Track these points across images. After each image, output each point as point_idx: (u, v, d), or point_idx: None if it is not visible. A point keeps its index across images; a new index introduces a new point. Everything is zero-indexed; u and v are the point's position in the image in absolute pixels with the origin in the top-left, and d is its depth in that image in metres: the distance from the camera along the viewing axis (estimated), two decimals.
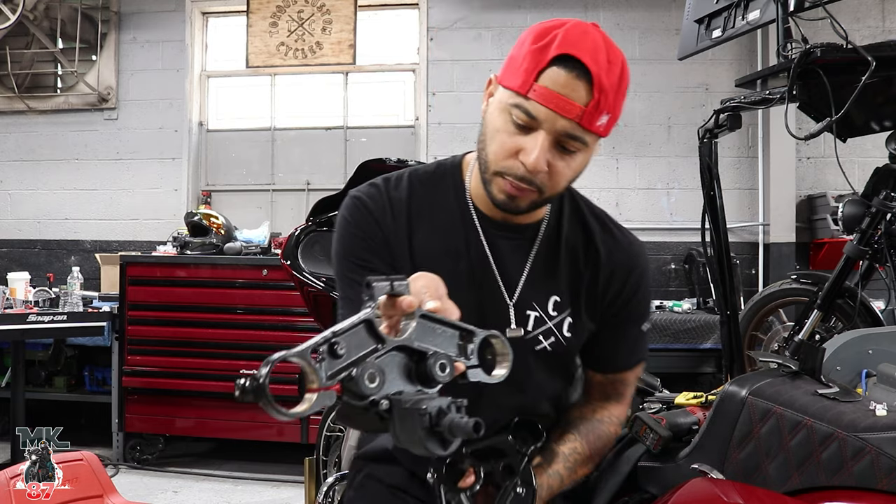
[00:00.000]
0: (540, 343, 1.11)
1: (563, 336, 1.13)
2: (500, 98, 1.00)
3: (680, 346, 3.92)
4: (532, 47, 0.96)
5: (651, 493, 1.30)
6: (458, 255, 1.07)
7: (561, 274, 1.13)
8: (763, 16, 1.89)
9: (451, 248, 1.07)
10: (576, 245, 1.15)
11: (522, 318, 1.10)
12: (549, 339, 1.12)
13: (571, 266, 1.14)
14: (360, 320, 0.71)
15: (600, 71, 0.94)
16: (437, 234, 1.07)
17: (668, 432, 1.33)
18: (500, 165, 1.00)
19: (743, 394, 1.27)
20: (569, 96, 0.94)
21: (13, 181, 5.28)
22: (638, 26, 4.87)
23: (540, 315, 1.10)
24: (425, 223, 1.08)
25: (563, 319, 1.13)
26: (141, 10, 5.18)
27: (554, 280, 1.12)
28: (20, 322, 3.51)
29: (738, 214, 4.71)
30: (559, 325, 1.13)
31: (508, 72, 1.00)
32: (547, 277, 1.11)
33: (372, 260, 1.04)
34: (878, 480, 1.06)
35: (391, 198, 1.09)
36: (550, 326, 1.11)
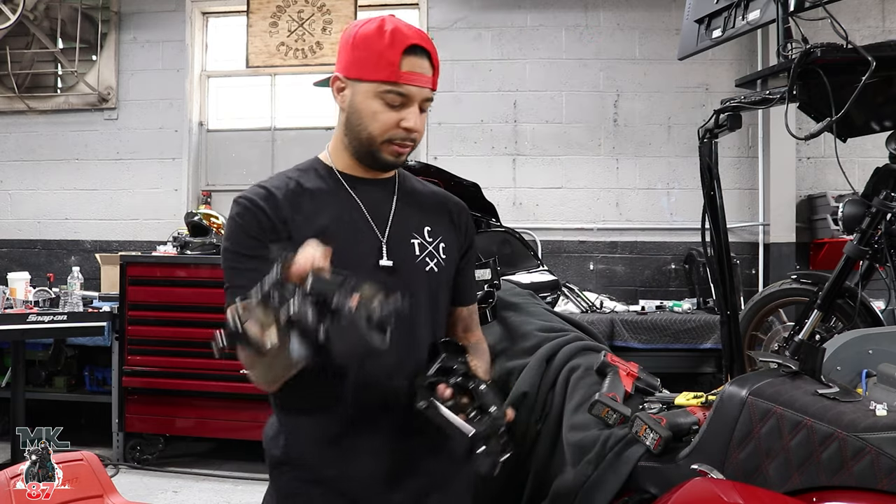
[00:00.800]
0: (427, 264, 1.35)
1: (441, 258, 1.36)
2: (366, 89, 1.27)
3: (680, 346, 3.92)
4: (381, 46, 1.24)
5: (651, 493, 1.30)
6: (338, 213, 1.31)
7: (425, 210, 1.40)
8: (763, 16, 1.89)
9: (332, 210, 1.30)
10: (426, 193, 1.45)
11: (401, 248, 1.33)
12: (433, 261, 1.35)
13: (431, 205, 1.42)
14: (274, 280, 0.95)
15: (431, 48, 1.27)
16: (318, 203, 1.31)
17: (669, 432, 1.33)
18: (388, 135, 1.28)
19: (743, 394, 1.27)
20: (423, 73, 1.26)
21: (13, 181, 5.28)
22: (638, 26, 4.87)
23: (422, 241, 1.35)
24: (306, 200, 1.31)
25: (438, 244, 1.37)
26: (141, 10, 5.19)
27: (421, 215, 1.38)
28: (20, 322, 3.51)
29: (739, 214, 4.71)
30: (436, 248, 1.37)
31: (362, 68, 1.27)
32: (414, 214, 1.38)
33: (260, 251, 1.22)
34: (878, 480, 1.06)
35: (273, 192, 1.30)
36: (430, 249, 1.36)
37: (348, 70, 1.29)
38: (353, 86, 1.29)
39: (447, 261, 1.37)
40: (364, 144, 1.31)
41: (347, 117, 1.31)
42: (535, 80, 4.92)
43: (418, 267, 1.33)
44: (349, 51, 1.29)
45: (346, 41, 1.31)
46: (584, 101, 4.90)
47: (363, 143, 1.31)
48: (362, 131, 1.29)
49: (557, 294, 3.85)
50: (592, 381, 1.59)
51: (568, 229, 4.86)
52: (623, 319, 3.98)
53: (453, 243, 1.41)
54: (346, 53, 1.30)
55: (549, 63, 4.92)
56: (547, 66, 4.92)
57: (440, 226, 1.40)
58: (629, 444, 1.36)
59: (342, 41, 1.33)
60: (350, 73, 1.29)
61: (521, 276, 3.12)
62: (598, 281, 4.82)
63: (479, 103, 4.95)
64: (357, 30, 1.29)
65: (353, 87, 1.29)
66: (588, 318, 3.88)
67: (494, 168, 4.92)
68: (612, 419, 1.43)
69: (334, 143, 1.39)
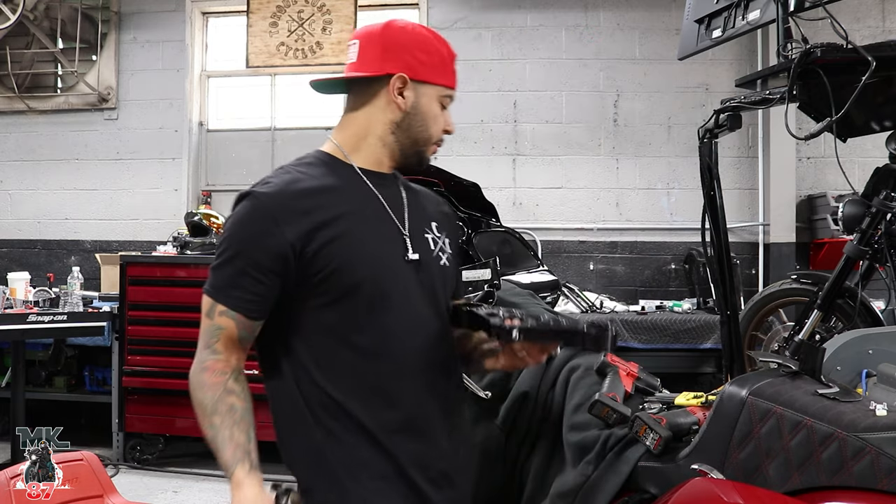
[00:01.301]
0: (441, 259, 1.37)
1: (448, 252, 1.39)
2: (432, 92, 1.32)
3: (680, 346, 3.92)
4: (444, 52, 1.33)
5: (651, 493, 1.30)
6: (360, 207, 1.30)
7: (429, 207, 1.43)
8: (763, 16, 1.89)
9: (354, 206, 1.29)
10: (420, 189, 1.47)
11: (421, 242, 1.34)
12: (445, 255, 1.38)
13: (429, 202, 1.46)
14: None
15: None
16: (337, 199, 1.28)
17: (669, 432, 1.33)
18: (437, 137, 1.35)
19: (743, 394, 1.27)
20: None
21: (13, 181, 5.28)
22: (638, 26, 4.87)
23: (434, 236, 1.38)
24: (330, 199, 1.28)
25: (444, 239, 1.40)
26: (141, 10, 5.18)
27: (426, 210, 1.42)
28: (20, 322, 3.51)
29: (739, 214, 4.71)
30: (444, 243, 1.40)
31: (432, 71, 1.32)
32: (421, 209, 1.40)
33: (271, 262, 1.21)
34: (878, 480, 1.06)
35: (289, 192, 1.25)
36: (441, 244, 1.38)
37: (415, 71, 1.30)
38: (417, 88, 1.31)
39: (452, 256, 1.40)
40: (417, 144, 1.34)
41: (406, 118, 1.32)
42: (535, 80, 4.92)
43: (435, 261, 1.35)
44: (413, 52, 1.30)
45: (407, 42, 1.30)
46: (584, 101, 4.90)
47: (418, 143, 1.34)
48: (423, 132, 1.33)
49: (557, 294, 3.85)
50: (592, 381, 1.59)
51: (568, 229, 4.86)
52: (623, 319, 3.98)
53: (454, 239, 1.44)
54: (409, 54, 1.29)
55: (549, 63, 4.92)
56: (547, 66, 4.92)
57: (441, 222, 1.43)
58: (629, 444, 1.37)
59: (398, 41, 1.30)
60: (417, 75, 1.30)
61: (521, 276, 3.12)
62: (598, 281, 4.82)
63: (479, 103, 4.95)
64: (412, 32, 1.32)
65: (418, 89, 1.31)
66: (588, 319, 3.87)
67: (494, 168, 4.92)
68: (612, 419, 1.43)
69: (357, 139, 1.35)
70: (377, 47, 1.30)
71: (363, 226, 1.27)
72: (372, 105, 1.33)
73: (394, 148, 1.34)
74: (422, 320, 1.29)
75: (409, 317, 1.27)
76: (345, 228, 1.24)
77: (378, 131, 1.34)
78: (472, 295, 1.47)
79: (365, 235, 1.25)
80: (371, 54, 1.30)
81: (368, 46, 1.31)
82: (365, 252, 1.24)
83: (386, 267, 1.27)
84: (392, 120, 1.32)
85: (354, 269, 1.23)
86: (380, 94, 1.31)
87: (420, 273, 1.30)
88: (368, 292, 1.23)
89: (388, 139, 1.34)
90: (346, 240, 1.23)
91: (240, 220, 1.23)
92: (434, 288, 1.32)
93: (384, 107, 1.32)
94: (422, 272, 1.30)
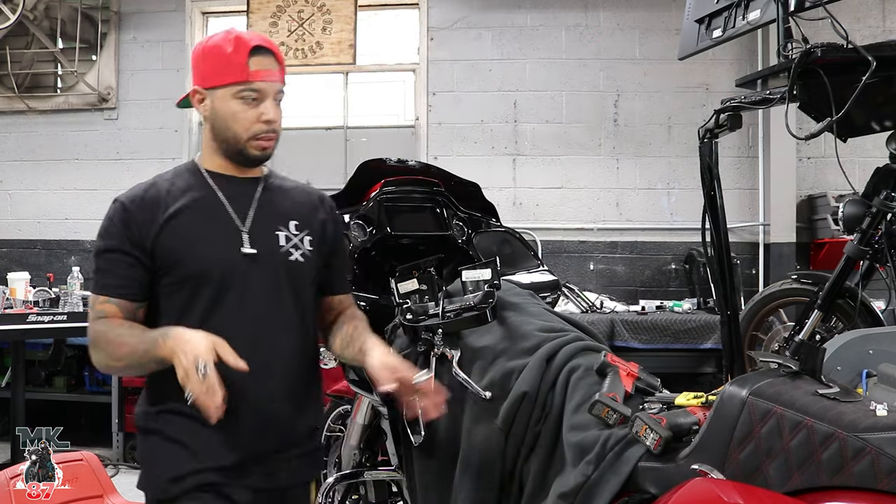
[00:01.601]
0: (291, 255, 1.48)
1: (306, 249, 1.50)
2: (223, 93, 1.41)
3: (680, 346, 3.92)
4: (228, 53, 1.40)
5: (651, 494, 1.30)
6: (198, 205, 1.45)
7: (292, 207, 1.54)
8: (763, 16, 1.89)
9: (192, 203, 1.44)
10: (293, 190, 1.59)
11: (269, 239, 1.47)
12: (298, 252, 1.49)
13: (298, 201, 1.57)
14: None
15: (273, 47, 1.45)
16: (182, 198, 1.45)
17: (669, 432, 1.33)
18: (251, 132, 1.43)
19: (743, 394, 1.27)
20: (270, 69, 1.43)
21: (13, 181, 5.28)
22: (638, 26, 4.87)
23: (287, 233, 1.49)
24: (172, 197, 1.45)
25: (304, 237, 1.51)
26: (141, 10, 5.18)
27: (286, 211, 1.52)
28: (20, 322, 3.51)
29: (739, 214, 4.71)
30: (302, 241, 1.51)
31: (214, 76, 1.42)
32: (279, 209, 1.52)
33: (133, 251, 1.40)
34: (878, 481, 1.06)
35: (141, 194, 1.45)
36: (296, 241, 1.50)
37: (204, 81, 1.44)
38: (210, 94, 1.44)
39: (314, 253, 1.51)
40: (232, 144, 1.45)
41: (212, 124, 1.46)
42: (535, 80, 4.92)
43: (282, 256, 1.47)
44: (201, 64, 1.45)
45: (197, 57, 1.46)
46: (584, 101, 4.90)
47: (230, 143, 1.45)
48: (227, 132, 1.44)
49: (557, 294, 3.84)
50: (592, 382, 1.58)
51: (568, 229, 4.85)
52: (623, 319, 3.98)
53: (321, 236, 1.55)
54: (198, 67, 1.45)
55: (549, 63, 4.92)
56: (547, 66, 4.92)
57: (308, 220, 1.54)
58: (629, 444, 1.36)
59: (193, 58, 1.48)
60: (206, 83, 1.44)
61: (521, 276, 3.12)
62: (598, 281, 4.82)
63: (479, 103, 4.94)
64: (203, 45, 1.46)
65: (212, 95, 1.43)
66: (588, 318, 3.88)
67: (494, 168, 4.91)
68: (612, 419, 1.43)
69: (204, 149, 1.53)
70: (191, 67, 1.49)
71: (199, 224, 1.42)
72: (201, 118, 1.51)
73: (220, 151, 1.49)
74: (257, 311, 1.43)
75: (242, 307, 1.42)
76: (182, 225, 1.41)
77: (208, 140, 1.50)
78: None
79: (199, 231, 1.42)
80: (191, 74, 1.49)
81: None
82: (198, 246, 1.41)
83: (218, 260, 1.41)
84: (209, 128, 1.48)
85: (186, 261, 1.40)
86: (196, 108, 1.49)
87: (255, 266, 1.43)
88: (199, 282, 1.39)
89: (214, 145, 1.49)
90: (181, 235, 1.40)
91: (106, 220, 1.43)
92: (278, 282, 1.45)
93: (203, 118, 1.49)
94: (257, 266, 1.43)
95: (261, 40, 1.43)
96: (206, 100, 1.45)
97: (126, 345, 1.34)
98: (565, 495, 1.39)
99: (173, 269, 1.40)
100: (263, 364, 1.40)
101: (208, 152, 1.51)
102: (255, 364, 1.34)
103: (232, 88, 1.41)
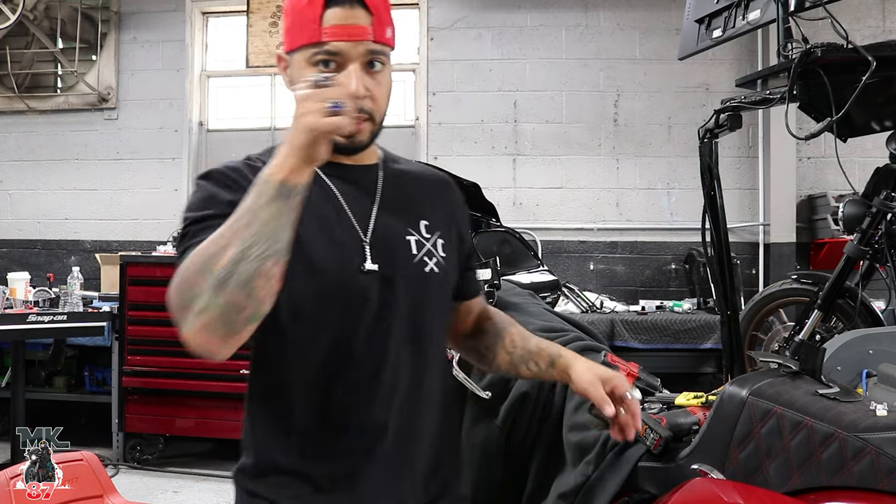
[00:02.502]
0: (426, 264, 1.13)
1: (440, 256, 1.15)
2: (298, 59, 1.06)
3: (680, 346, 3.92)
4: (300, 6, 1.04)
5: (651, 493, 1.30)
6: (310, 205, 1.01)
7: (420, 201, 1.19)
8: (763, 16, 1.89)
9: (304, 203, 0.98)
10: (417, 176, 1.23)
11: (399, 247, 1.12)
12: (432, 260, 1.14)
13: (425, 190, 1.22)
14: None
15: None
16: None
17: (669, 432, 1.33)
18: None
19: (743, 394, 1.27)
20: (354, 23, 1.03)
21: (13, 181, 5.28)
22: (638, 26, 4.87)
23: (419, 238, 1.14)
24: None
25: (436, 241, 1.16)
26: (141, 10, 5.18)
27: (414, 207, 1.17)
28: (20, 322, 3.51)
29: (739, 214, 4.71)
30: (435, 246, 1.16)
31: (291, 37, 1.07)
32: (406, 205, 1.16)
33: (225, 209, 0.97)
34: (878, 480, 1.06)
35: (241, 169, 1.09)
36: (429, 247, 1.15)
37: (287, 43, 1.09)
38: (291, 59, 1.08)
39: (448, 259, 1.17)
40: None
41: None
42: (536, 80, 4.92)
43: (415, 269, 1.12)
44: (284, 22, 1.09)
45: (283, 12, 1.10)
46: (584, 101, 4.90)
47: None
48: None
49: (557, 294, 3.85)
50: None
51: (568, 229, 4.85)
52: (623, 319, 3.98)
53: (456, 236, 1.22)
54: (284, 28, 1.10)
55: (550, 63, 4.92)
56: (547, 66, 4.92)
57: (439, 217, 1.19)
58: (629, 444, 1.36)
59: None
60: (286, 47, 1.09)
61: (521, 276, 3.13)
62: (598, 281, 4.82)
63: (479, 103, 4.95)
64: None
65: (292, 60, 1.08)
66: (588, 318, 3.87)
67: (494, 168, 4.91)
68: None
69: None
70: None
71: (307, 229, 1.03)
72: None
73: None
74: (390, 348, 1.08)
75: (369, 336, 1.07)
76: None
77: None
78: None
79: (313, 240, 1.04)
80: None
81: None
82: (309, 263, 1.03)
83: (334, 282, 1.05)
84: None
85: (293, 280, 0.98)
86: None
87: (382, 286, 1.08)
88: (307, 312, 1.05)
89: None
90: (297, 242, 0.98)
91: (197, 190, 1.08)
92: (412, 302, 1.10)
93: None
94: (387, 285, 1.08)
95: None
96: (290, 68, 1.09)
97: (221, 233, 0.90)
98: (565, 495, 1.39)
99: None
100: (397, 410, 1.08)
101: None
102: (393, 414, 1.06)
103: (305, 52, 1.04)
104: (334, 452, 1.06)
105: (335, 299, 1.06)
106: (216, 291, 0.87)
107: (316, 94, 0.91)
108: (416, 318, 1.11)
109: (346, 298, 1.06)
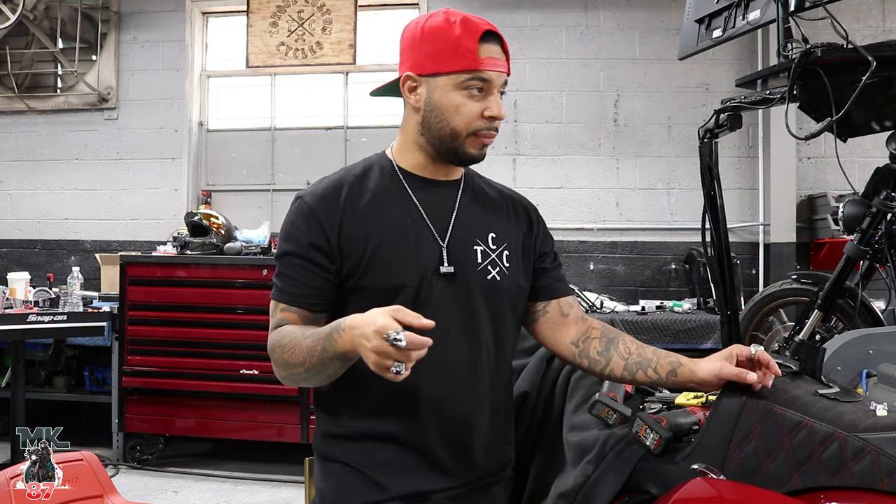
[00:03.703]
0: (489, 273, 1.33)
1: (504, 266, 1.35)
2: (445, 82, 1.25)
3: (680, 346, 3.91)
4: (455, 36, 1.23)
5: (651, 493, 1.30)
6: (397, 217, 1.30)
7: (491, 217, 1.39)
8: (763, 16, 1.89)
9: (389, 214, 1.29)
10: (493, 196, 1.44)
11: (468, 254, 1.32)
12: (495, 269, 1.34)
13: (496, 211, 1.41)
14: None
15: (500, 33, 1.29)
16: (376, 206, 1.30)
17: (669, 432, 1.33)
18: (473, 127, 1.28)
19: (743, 394, 1.27)
20: (499, 58, 1.27)
21: (13, 181, 5.28)
22: (638, 26, 4.87)
23: (485, 248, 1.34)
24: (364, 202, 1.30)
25: (502, 252, 1.36)
26: (141, 10, 5.18)
27: (486, 221, 1.37)
28: (20, 322, 3.51)
29: (739, 214, 4.71)
30: (500, 256, 1.35)
31: (436, 62, 1.25)
32: (478, 219, 1.36)
33: (316, 257, 1.26)
34: (878, 481, 1.06)
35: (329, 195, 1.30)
36: (493, 257, 1.34)
37: (422, 67, 1.26)
38: (428, 82, 1.27)
39: (511, 269, 1.36)
40: (447, 141, 1.29)
41: (424, 116, 1.29)
42: (535, 80, 4.92)
43: (480, 275, 1.32)
44: (419, 47, 1.27)
45: (412, 38, 1.29)
46: (584, 101, 4.90)
47: (445, 139, 1.29)
48: (444, 127, 1.28)
49: None
50: (592, 381, 1.58)
51: (568, 229, 4.85)
52: (623, 319, 3.98)
53: (521, 248, 1.39)
54: (415, 50, 1.27)
55: (549, 63, 4.92)
56: (547, 66, 4.92)
57: (507, 232, 1.38)
58: (629, 444, 1.36)
59: (406, 40, 1.30)
60: (424, 70, 1.26)
61: None
62: (598, 281, 4.82)
63: None
64: (422, 26, 1.28)
65: (429, 83, 1.27)
66: None
67: (494, 168, 4.91)
68: (612, 419, 1.43)
69: (402, 142, 1.36)
70: (400, 50, 1.32)
71: (395, 234, 1.27)
72: (405, 109, 1.34)
73: (427, 149, 1.32)
74: (452, 333, 1.28)
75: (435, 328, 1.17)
76: (377, 237, 1.26)
77: (412, 135, 1.33)
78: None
79: (396, 244, 1.27)
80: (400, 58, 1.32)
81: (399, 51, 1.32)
82: (396, 262, 1.26)
83: (414, 276, 1.26)
84: (417, 121, 1.30)
85: (383, 276, 1.25)
86: (406, 98, 1.31)
87: (452, 286, 1.29)
88: (390, 298, 1.21)
89: (420, 141, 1.32)
90: (377, 248, 1.26)
91: (288, 222, 1.31)
92: (474, 303, 1.31)
93: (410, 109, 1.32)
94: (455, 285, 1.29)
95: (489, 25, 1.28)
96: (421, 88, 1.27)
97: (300, 348, 1.19)
98: (565, 495, 1.39)
99: (361, 282, 1.26)
100: (456, 389, 1.30)
101: (408, 148, 1.34)
102: (448, 389, 1.28)
103: (457, 77, 1.24)
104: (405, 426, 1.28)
105: (409, 292, 1.26)
106: (290, 381, 1.28)
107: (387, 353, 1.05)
108: (474, 315, 1.31)
109: (419, 292, 1.26)
